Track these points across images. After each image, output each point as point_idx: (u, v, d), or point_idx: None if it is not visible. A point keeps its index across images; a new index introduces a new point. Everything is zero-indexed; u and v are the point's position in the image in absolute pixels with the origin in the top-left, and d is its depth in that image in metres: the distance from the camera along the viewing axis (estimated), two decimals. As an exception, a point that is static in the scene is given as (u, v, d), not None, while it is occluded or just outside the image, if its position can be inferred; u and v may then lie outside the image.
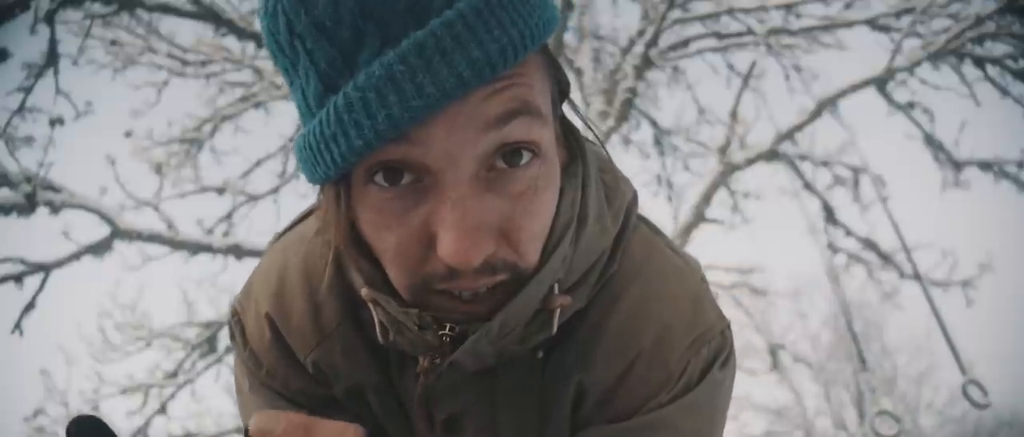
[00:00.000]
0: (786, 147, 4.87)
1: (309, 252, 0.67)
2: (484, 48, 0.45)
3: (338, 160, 0.48)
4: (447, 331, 0.57)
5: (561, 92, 0.56)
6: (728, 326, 0.66)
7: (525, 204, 0.51)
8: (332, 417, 0.67)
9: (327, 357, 0.66)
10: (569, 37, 5.07)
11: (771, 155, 4.81)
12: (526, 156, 0.50)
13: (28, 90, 3.61)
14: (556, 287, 0.57)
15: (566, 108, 0.60)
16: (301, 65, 0.49)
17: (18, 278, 4.03)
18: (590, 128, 0.64)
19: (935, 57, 4.40)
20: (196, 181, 5.13)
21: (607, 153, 0.66)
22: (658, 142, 5.69)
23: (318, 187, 0.56)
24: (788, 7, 4.91)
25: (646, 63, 4.87)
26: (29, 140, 3.84)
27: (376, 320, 0.60)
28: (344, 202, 0.52)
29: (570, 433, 0.66)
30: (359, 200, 0.51)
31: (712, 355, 0.64)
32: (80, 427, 0.48)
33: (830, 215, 5.05)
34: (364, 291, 0.58)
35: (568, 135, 0.61)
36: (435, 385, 0.61)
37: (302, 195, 5.29)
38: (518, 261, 0.53)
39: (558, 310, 0.57)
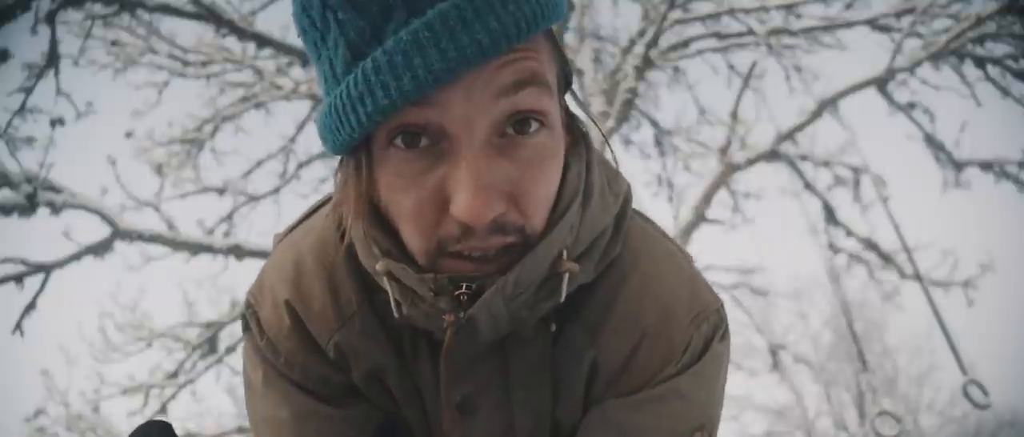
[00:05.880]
0: (787, 147, 4.87)
1: (320, 240, 0.69)
2: (501, 21, 0.49)
3: (363, 121, 0.51)
4: (463, 289, 0.58)
5: (566, 81, 0.60)
6: (722, 304, 0.71)
7: (532, 170, 0.55)
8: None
9: (348, 338, 0.68)
10: (569, 37, 5.07)
11: (772, 155, 4.82)
12: (534, 125, 0.54)
13: (29, 90, 3.62)
14: (565, 253, 0.60)
15: (572, 103, 0.64)
16: (331, 36, 0.52)
17: (19, 279, 4.03)
18: (594, 123, 0.67)
19: (936, 57, 4.40)
20: (197, 181, 5.14)
21: (610, 148, 0.70)
22: (658, 142, 5.69)
23: (338, 159, 0.59)
24: (788, 7, 4.91)
25: (647, 63, 4.87)
26: (30, 140, 3.85)
27: (392, 298, 0.61)
28: (365, 169, 0.55)
29: (582, 410, 0.69)
30: (379, 165, 0.55)
31: (711, 330, 0.68)
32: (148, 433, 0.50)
33: (831, 215, 5.05)
34: (380, 264, 0.59)
35: (571, 122, 0.64)
36: (453, 355, 0.62)
37: (302, 195, 5.30)
38: (525, 224, 0.56)
39: (566, 276, 0.60)
